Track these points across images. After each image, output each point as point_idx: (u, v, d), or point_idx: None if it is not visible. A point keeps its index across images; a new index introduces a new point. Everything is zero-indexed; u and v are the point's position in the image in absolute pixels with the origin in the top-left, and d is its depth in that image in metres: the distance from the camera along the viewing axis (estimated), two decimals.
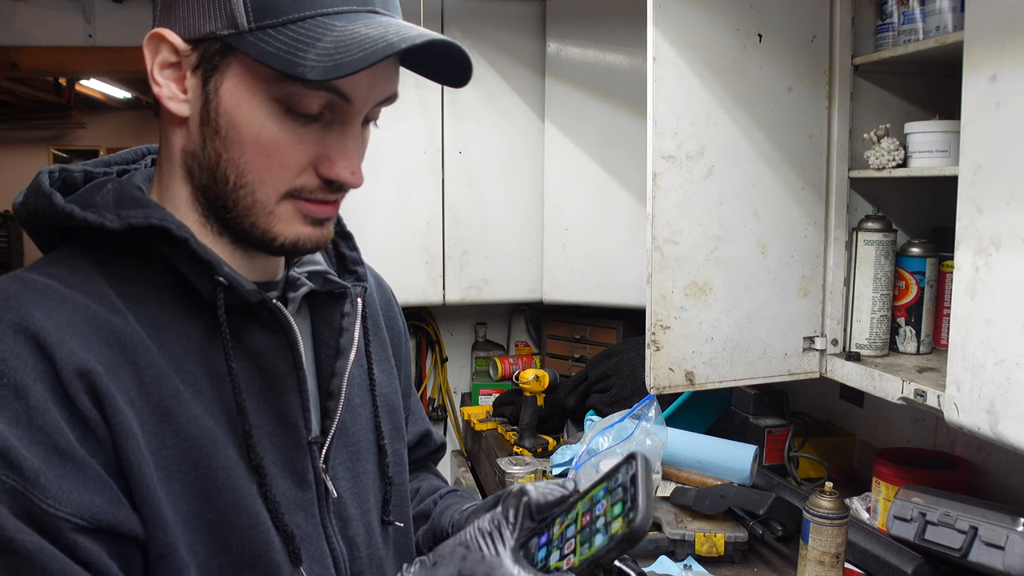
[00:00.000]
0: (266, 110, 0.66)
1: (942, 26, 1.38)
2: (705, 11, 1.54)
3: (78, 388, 0.61)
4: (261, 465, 0.69)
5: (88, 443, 0.61)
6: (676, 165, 1.57)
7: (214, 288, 0.69)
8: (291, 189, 0.69)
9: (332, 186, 0.70)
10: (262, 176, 0.68)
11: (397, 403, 0.91)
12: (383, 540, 0.84)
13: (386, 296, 0.99)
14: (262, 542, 0.68)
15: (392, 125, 2.42)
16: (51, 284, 0.66)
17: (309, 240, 0.72)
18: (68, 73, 5.20)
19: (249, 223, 0.70)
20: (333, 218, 0.74)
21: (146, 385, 0.65)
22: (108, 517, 0.60)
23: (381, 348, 0.92)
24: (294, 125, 0.67)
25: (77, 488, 0.59)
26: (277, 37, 0.63)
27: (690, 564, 1.55)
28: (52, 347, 0.61)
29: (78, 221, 0.67)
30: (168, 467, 0.65)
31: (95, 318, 0.65)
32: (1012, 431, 1.13)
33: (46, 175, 0.71)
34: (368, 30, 0.64)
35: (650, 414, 1.81)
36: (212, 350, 0.70)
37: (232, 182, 0.68)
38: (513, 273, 2.59)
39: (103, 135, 7.73)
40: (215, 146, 0.68)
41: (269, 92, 0.66)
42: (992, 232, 1.15)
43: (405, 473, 0.91)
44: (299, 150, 0.68)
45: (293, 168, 0.68)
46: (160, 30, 0.67)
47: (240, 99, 0.66)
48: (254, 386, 0.72)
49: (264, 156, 0.67)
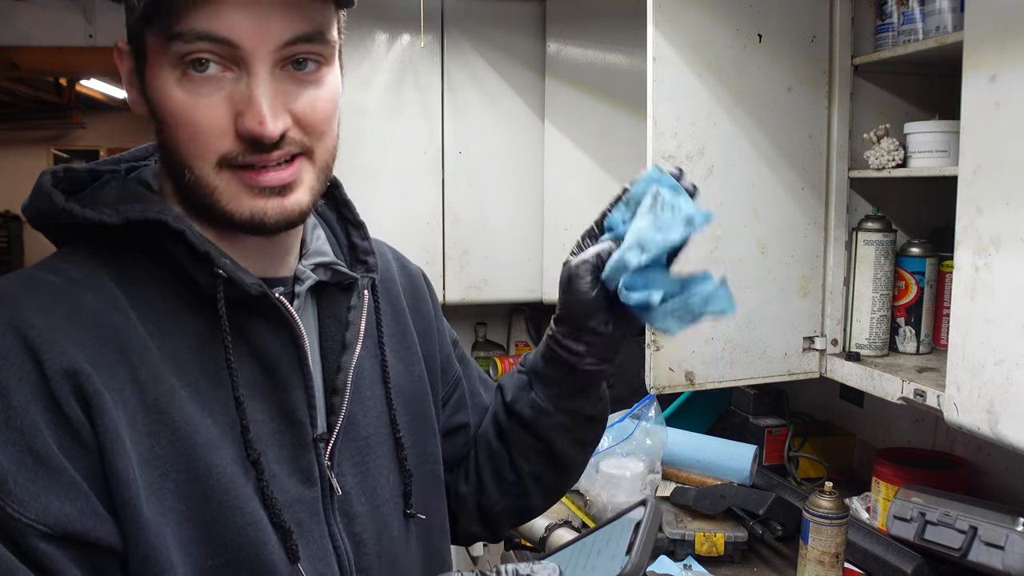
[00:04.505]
0: (171, 80, 0.65)
1: (942, 26, 1.38)
2: (705, 11, 1.54)
3: (64, 389, 0.60)
4: (259, 461, 0.69)
5: (70, 446, 0.60)
6: (676, 165, 1.57)
7: (214, 281, 0.68)
8: (220, 157, 0.66)
9: (254, 145, 0.66)
10: (189, 149, 0.67)
11: (421, 393, 0.88)
12: (404, 534, 0.82)
13: (413, 282, 0.96)
14: (258, 540, 0.68)
15: (392, 125, 2.43)
16: (54, 281, 0.66)
17: (267, 214, 0.68)
18: (68, 73, 5.20)
19: (205, 204, 0.68)
20: (294, 186, 0.69)
21: (141, 383, 0.64)
22: (76, 525, 0.60)
23: (401, 338, 0.89)
24: (198, 86, 0.65)
25: (47, 494, 0.59)
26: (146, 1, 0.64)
27: (690, 564, 1.55)
28: (40, 347, 0.60)
29: (77, 218, 0.67)
30: (161, 465, 0.64)
31: (93, 315, 0.64)
32: (1012, 431, 1.13)
33: (49, 175, 0.72)
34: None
35: (650, 414, 1.81)
36: (213, 346, 0.69)
37: (177, 164, 0.68)
38: (513, 273, 2.59)
39: (103, 135, 7.73)
40: (163, 135, 0.68)
41: (167, 61, 0.65)
42: (992, 232, 1.15)
43: (431, 464, 0.88)
44: (210, 112, 0.65)
45: (210, 132, 0.66)
46: (119, 42, 0.71)
47: (154, 78, 0.67)
48: (258, 383, 0.71)
49: (180, 127, 0.66)
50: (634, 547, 0.64)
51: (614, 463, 1.70)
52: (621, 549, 0.65)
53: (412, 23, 2.34)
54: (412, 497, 0.83)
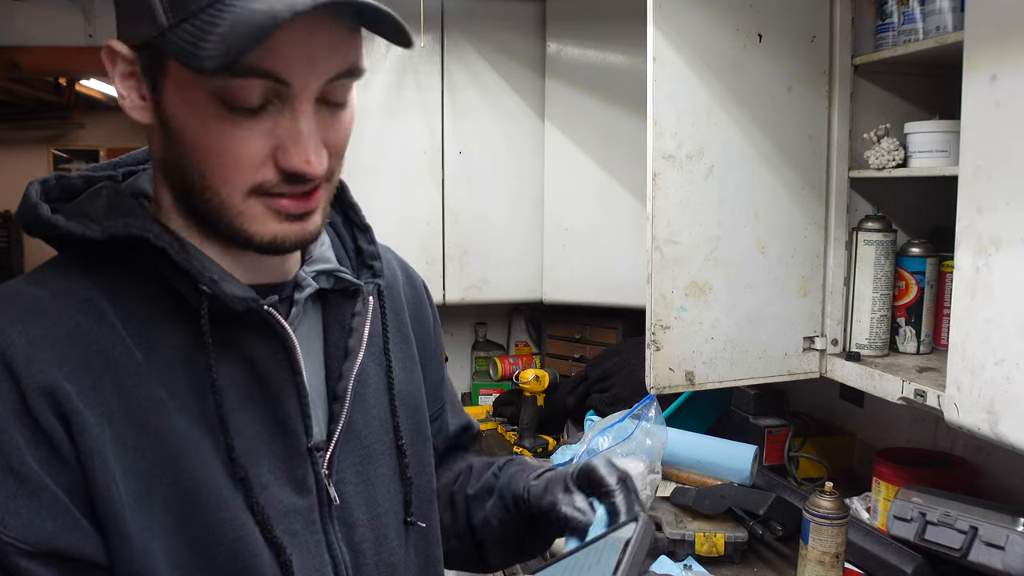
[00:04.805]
0: (207, 108, 0.63)
1: (942, 26, 1.38)
2: (705, 11, 1.54)
3: (42, 407, 0.60)
4: (247, 477, 0.68)
5: (51, 464, 0.60)
6: (676, 165, 1.57)
7: (199, 296, 0.67)
8: (253, 186, 0.65)
9: (293, 179, 0.65)
10: (221, 176, 0.65)
11: (419, 401, 0.88)
12: (402, 542, 0.82)
13: (416, 289, 0.96)
14: (248, 554, 0.67)
15: (392, 125, 2.43)
16: (39, 295, 0.65)
17: (287, 238, 0.68)
18: (68, 73, 5.20)
19: (225, 224, 0.67)
20: (315, 211, 0.69)
21: (127, 396, 0.64)
22: (58, 542, 0.60)
23: (404, 345, 0.88)
24: (239, 119, 0.63)
25: (27, 511, 0.59)
26: (188, 29, 0.60)
27: (690, 564, 1.55)
28: (19, 365, 0.60)
29: (62, 232, 0.67)
30: (148, 479, 0.64)
31: (76, 329, 0.64)
32: (1012, 431, 1.13)
33: (37, 185, 0.70)
34: (260, 4, 0.59)
35: (650, 414, 1.81)
36: (200, 359, 0.68)
37: (198, 185, 0.66)
38: (513, 273, 2.58)
39: (103, 135, 7.72)
40: (177, 150, 0.66)
41: (206, 88, 0.62)
42: (992, 232, 1.15)
43: (428, 473, 0.88)
44: (250, 144, 0.64)
45: (249, 164, 0.64)
46: (111, 42, 0.67)
47: (181, 101, 0.64)
48: (248, 394, 0.70)
49: (216, 155, 0.64)
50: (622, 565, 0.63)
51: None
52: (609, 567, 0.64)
53: (412, 23, 2.34)
54: (413, 505, 0.83)
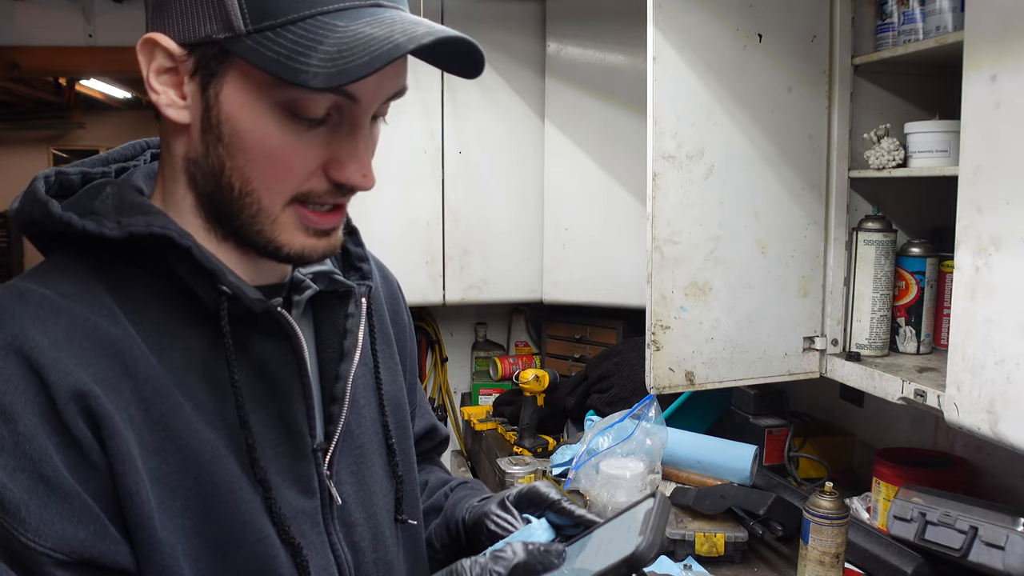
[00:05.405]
0: (270, 116, 0.63)
1: (942, 26, 1.38)
2: (705, 11, 1.54)
3: (72, 411, 0.59)
4: (265, 479, 0.68)
5: (80, 469, 0.60)
6: (676, 165, 1.57)
7: (218, 297, 0.67)
8: (298, 194, 0.66)
9: (342, 189, 0.68)
10: (268, 183, 0.65)
11: (403, 400, 0.90)
12: (395, 540, 0.83)
13: (392, 289, 0.97)
14: (267, 556, 0.67)
15: (392, 125, 2.41)
16: (48, 295, 0.64)
17: (315, 251, 0.70)
18: (68, 73, 5.20)
19: (255, 231, 0.67)
20: (339, 227, 0.72)
21: (146, 400, 0.63)
22: (91, 550, 0.59)
23: (386, 346, 0.89)
24: (300, 129, 0.64)
25: (60, 520, 0.58)
26: (276, 40, 0.60)
27: (690, 564, 1.55)
28: (46, 368, 0.59)
29: (77, 230, 0.65)
30: (170, 483, 0.64)
31: (94, 331, 0.63)
32: (1012, 431, 1.13)
33: (41, 180, 0.69)
34: (373, 29, 0.60)
35: (650, 414, 1.81)
36: (214, 360, 0.68)
37: (237, 190, 0.66)
38: (513, 273, 2.59)
39: (103, 135, 7.73)
40: (219, 154, 0.65)
41: (272, 97, 0.63)
42: (992, 232, 1.15)
43: (414, 471, 0.90)
44: (307, 155, 0.65)
45: (301, 173, 0.66)
46: (153, 35, 0.64)
47: (242, 105, 0.63)
48: (258, 395, 0.70)
49: (270, 163, 0.64)
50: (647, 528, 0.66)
51: (614, 463, 1.70)
52: (634, 532, 0.67)
53: None
54: (403, 503, 0.84)
